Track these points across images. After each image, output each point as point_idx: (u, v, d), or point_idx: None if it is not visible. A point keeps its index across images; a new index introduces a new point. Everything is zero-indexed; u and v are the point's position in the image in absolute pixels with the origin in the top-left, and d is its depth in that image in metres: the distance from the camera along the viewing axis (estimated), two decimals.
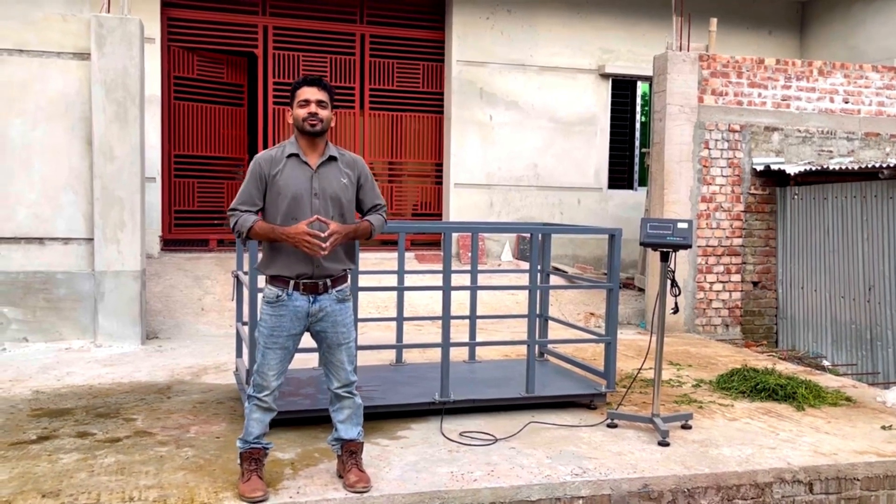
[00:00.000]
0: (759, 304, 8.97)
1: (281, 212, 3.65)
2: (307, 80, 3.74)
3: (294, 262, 3.65)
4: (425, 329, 8.16)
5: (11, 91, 7.04)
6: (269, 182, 3.66)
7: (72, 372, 6.24)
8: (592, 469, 4.20)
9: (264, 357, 3.72)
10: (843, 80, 9.08)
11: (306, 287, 3.69)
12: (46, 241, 7.19)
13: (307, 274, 3.67)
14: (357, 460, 3.88)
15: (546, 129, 11.01)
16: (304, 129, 3.67)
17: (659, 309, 4.83)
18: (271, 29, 10.39)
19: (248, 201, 3.67)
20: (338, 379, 3.83)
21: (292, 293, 3.67)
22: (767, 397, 5.77)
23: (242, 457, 3.76)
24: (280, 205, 3.66)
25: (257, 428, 3.76)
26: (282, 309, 3.68)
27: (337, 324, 3.76)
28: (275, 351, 3.71)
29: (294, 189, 3.65)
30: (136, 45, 7.22)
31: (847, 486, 4.44)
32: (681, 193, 8.61)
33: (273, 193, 3.67)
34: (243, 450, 3.76)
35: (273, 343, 3.70)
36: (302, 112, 3.67)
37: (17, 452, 4.27)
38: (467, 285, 5.56)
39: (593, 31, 11.12)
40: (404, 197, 11.25)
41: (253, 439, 3.76)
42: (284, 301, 3.67)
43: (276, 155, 3.70)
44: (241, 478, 3.74)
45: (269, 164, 3.67)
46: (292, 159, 3.69)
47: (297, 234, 3.53)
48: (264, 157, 3.71)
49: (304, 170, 3.69)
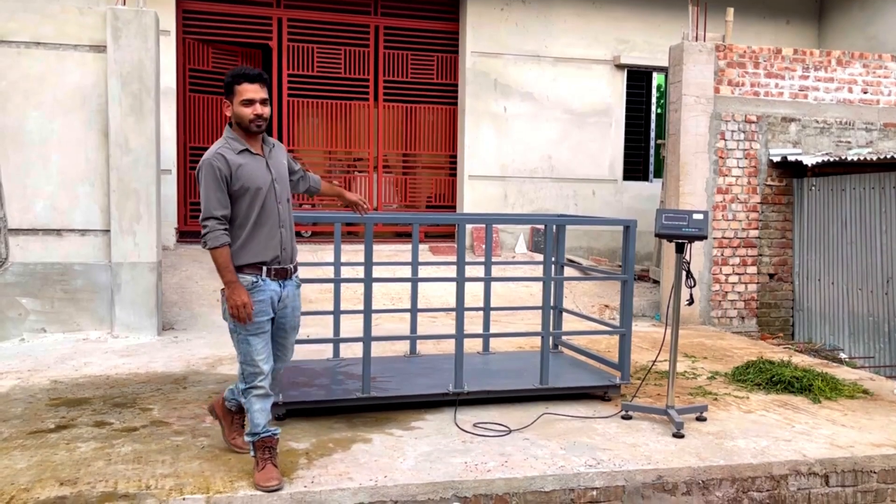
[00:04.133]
0: (775, 296, 8.91)
1: (248, 203, 3.69)
2: (248, 76, 3.71)
3: (267, 249, 3.74)
4: (439, 321, 8.17)
5: (29, 84, 7.09)
6: (231, 180, 3.66)
7: (89, 362, 6.30)
8: (606, 460, 4.20)
9: (251, 345, 3.75)
10: (861, 70, 8.97)
11: (277, 272, 3.78)
12: (64, 232, 7.25)
13: (278, 259, 3.77)
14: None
15: (561, 120, 10.97)
16: (251, 129, 3.73)
17: (674, 300, 4.80)
18: (286, 21, 10.40)
19: (221, 206, 3.65)
20: (283, 360, 4.03)
21: (265, 279, 3.74)
22: (783, 389, 5.74)
23: (255, 446, 3.80)
24: (246, 198, 3.69)
25: (262, 418, 3.80)
26: (260, 294, 3.72)
27: (295, 308, 3.92)
28: (259, 336, 3.75)
29: (258, 181, 3.72)
30: (152, 38, 7.26)
31: (863, 478, 4.41)
32: (696, 185, 8.56)
33: (236, 189, 3.68)
34: (255, 441, 3.80)
35: (258, 329, 3.74)
36: (248, 112, 3.69)
37: (36, 441, 4.32)
38: (481, 277, 5.56)
39: (609, 22, 11.06)
40: (418, 189, 11.25)
41: (262, 430, 3.79)
42: (261, 286, 3.73)
43: (229, 154, 3.69)
44: (256, 467, 3.77)
45: (226, 164, 3.66)
46: (245, 154, 3.74)
47: (238, 303, 3.62)
48: (217, 158, 3.66)
49: (259, 161, 3.77)
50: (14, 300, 7.13)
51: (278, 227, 3.77)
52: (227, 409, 4.22)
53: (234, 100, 3.72)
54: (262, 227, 3.72)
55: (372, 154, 11.02)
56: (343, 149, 11.10)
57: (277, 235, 3.76)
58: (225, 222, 3.66)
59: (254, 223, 3.70)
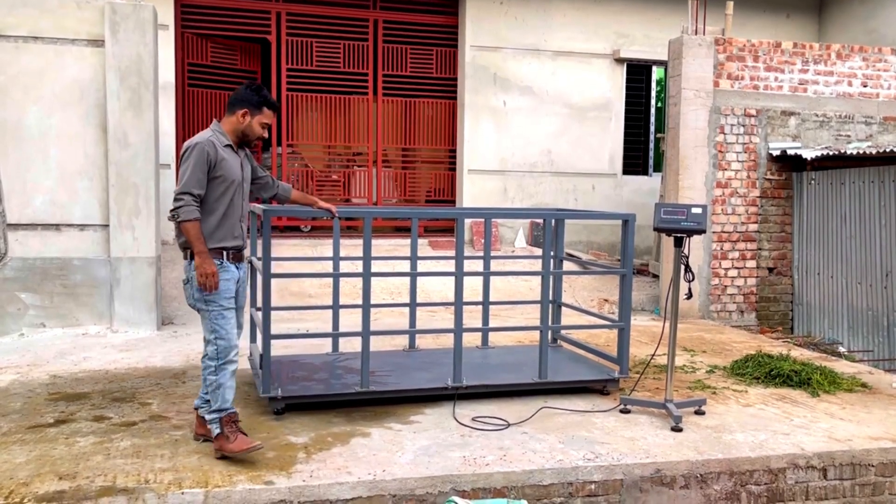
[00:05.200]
0: (774, 290, 8.91)
1: (221, 192, 4.03)
2: (275, 107, 4.27)
3: (230, 237, 4.10)
4: (438, 315, 8.17)
5: (28, 78, 7.08)
6: (214, 167, 4.00)
7: (88, 357, 6.30)
8: (605, 454, 4.20)
9: (225, 319, 4.06)
10: (861, 64, 8.96)
11: (235, 256, 4.16)
12: (63, 227, 7.24)
13: (236, 247, 4.15)
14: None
15: (560, 114, 10.96)
16: (249, 142, 4.21)
17: (673, 294, 4.81)
18: (284, 15, 10.38)
19: (199, 185, 3.96)
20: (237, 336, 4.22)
21: (226, 263, 4.09)
22: (782, 383, 5.75)
23: (223, 422, 4.01)
24: (220, 187, 4.03)
25: (231, 394, 4.10)
26: (227, 273, 4.07)
27: (246, 288, 4.37)
28: (231, 311, 4.10)
29: (234, 175, 4.09)
30: (150, 32, 7.24)
31: (861, 471, 4.41)
32: (696, 179, 8.55)
33: (216, 177, 4.01)
34: (222, 417, 4.02)
35: (229, 304, 4.09)
36: (260, 132, 4.19)
37: (35, 435, 4.32)
38: (480, 271, 5.56)
39: (608, 16, 11.03)
40: (418, 183, 11.24)
41: (230, 406, 4.06)
42: (226, 267, 4.08)
43: (217, 144, 4.04)
44: (227, 440, 3.96)
45: (214, 150, 4.00)
46: (229, 149, 4.11)
47: (208, 271, 3.93)
48: (209, 144, 4.00)
49: (237, 159, 4.16)
50: (13, 295, 7.13)
51: (240, 219, 4.16)
52: (203, 421, 4.22)
53: (256, 115, 4.15)
54: (229, 216, 4.09)
55: (371, 148, 11.01)
56: (342, 143, 11.08)
57: (239, 226, 4.15)
58: (199, 201, 3.96)
59: (223, 212, 4.06)
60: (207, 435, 4.20)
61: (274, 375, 4.87)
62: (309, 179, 10.89)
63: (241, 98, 4.16)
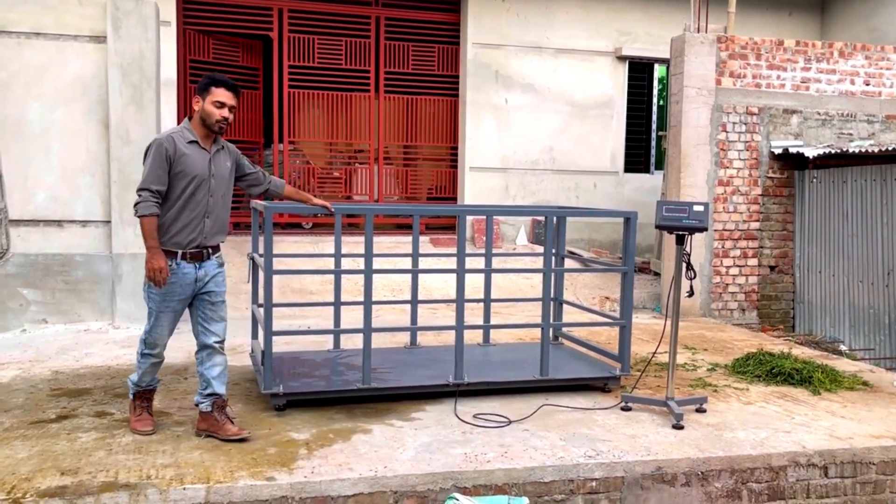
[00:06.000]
0: (775, 288, 8.91)
1: (181, 188, 4.09)
2: (225, 83, 4.19)
3: (185, 233, 4.13)
4: (440, 312, 8.17)
5: (30, 75, 7.08)
6: (174, 163, 4.06)
7: (90, 353, 6.31)
8: (606, 451, 4.21)
9: (158, 320, 4.20)
10: (864, 62, 8.95)
11: (193, 255, 4.18)
12: (65, 223, 7.25)
13: (195, 243, 4.17)
14: (228, 414, 4.32)
15: (562, 112, 10.95)
16: (213, 128, 4.16)
17: (674, 292, 4.81)
18: (286, 12, 10.37)
19: (158, 181, 4.04)
20: (216, 333, 4.34)
21: (181, 262, 4.14)
22: (783, 381, 5.75)
23: (135, 396, 4.35)
24: (181, 182, 4.09)
25: (149, 377, 4.36)
26: (172, 277, 4.12)
27: (219, 283, 4.34)
28: (167, 314, 4.20)
29: (195, 171, 4.11)
30: (152, 28, 7.24)
31: (862, 469, 4.42)
32: (697, 177, 8.55)
33: (175, 173, 4.07)
34: (136, 391, 4.34)
35: (166, 307, 4.18)
36: (216, 113, 4.13)
37: (37, 431, 4.33)
38: (482, 268, 5.56)
39: (610, 13, 11.02)
40: (419, 180, 11.24)
41: (146, 385, 4.35)
42: (174, 269, 4.12)
43: (178, 140, 4.10)
44: (133, 413, 4.33)
45: (173, 147, 4.06)
46: (193, 145, 4.14)
47: (155, 266, 4.02)
48: (167, 140, 4.08)
49: (204, 155, 4.17)
50: (15, 291, 7.14)
51: (203, 216, 4.17)
52: (205, 414, 4.29)
53: (206, 98, 4.15)
54: (187, 211, 4.12)
55: (373, 145, 11.00)
56: (344, 140, 11.08)
57: (200, 224, 4.17)
58: (158, 197, 4.05)
59: (180, 206, 4.10)
60: (209, 430, 4.23)
61: (275, 372, 4.88)
62: (310, 176, 10.90)
63: (195, 92, 4.27)
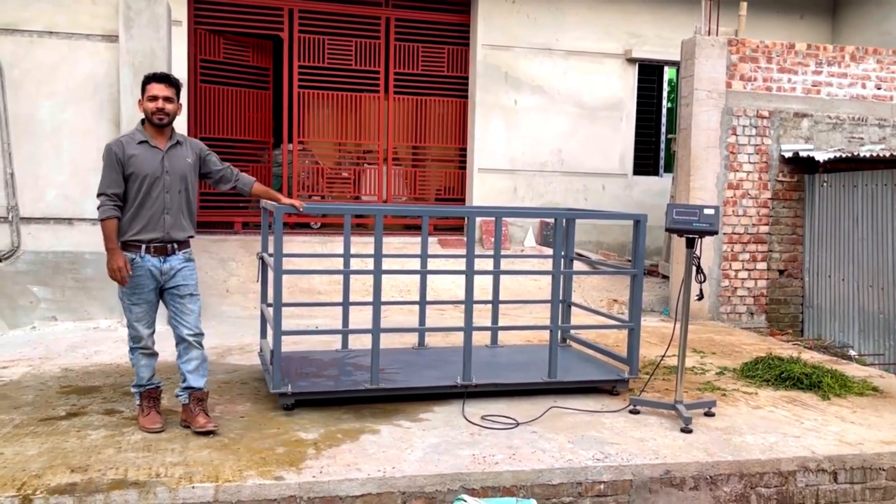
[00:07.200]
0: (785, 292, 8.88)
1: (136, 187, 4.20)
2: (156, 77, 4.30)
3: (147, 230, 4.24)
4: (448, 314, 8.17)
5: (41, 73, 7.12)
6: (125, 165, 4.18)
7: (99, 350, 6.34)
8: (614, 454, 4.20)
9: (131, 311, 4.32)
10: (875, 66, 8.91)
11: (157, 249, 4.28)
12: (75, 221, 7.28)
13: (158, 239, 4.26)
14: (204, 407, 4.39)
15: (571, 114, 10.93)
16: (153, 121, 4.25)
17: (683, 295, 4.79)
18: (297, 12, 10.39)
19: (114, 185, 4.18)
20: (188, 326, 4.38)
21: (144, 255, 4.25)
22: (792, 386, 5.72)
23: (141, 396, 4.41)
24: (135, 183, 4.20)
25: (147, 372, 4.42)
26: (138, 269, 4.24)
27: (187, 277, 4.39)
28: (139, 305, 4.31)
29: (146, 170, 4.21)
30: (164, 28, 7.27)
31: (872, 475, 4.40)
32: (707, 180, 8.52)
33: (127, 174, 4.19)
34: (140, 391, 4.40)
35: (137, 299, 4.29)
36: (151, 106, 4.23)
37: (47, 428, 4.35)
38: (490, 270, 5.55)
39: (620, 15, 11.00)
40: (428, 182, 11.24)
41: (147, 382, 4.41)
42: (139, 262, 4.24)
43: (127, 142, 4.24)
44: (141, 413, 4.39)
45: (121, 150, 4.19)
46: (143, 145, 4.24)
47: (114, 266, 4.17)
48: (116, 144, 4.23)
49: (155, 153, 4.26)
50: (25, 288, 7.18)
51: (162, 212, 4.25)
52: (184, 406, 4.43)
53: (143, 96, 4.27)
54: (145, 209, 4.21)
55: (382, 146, 11.01)
56: (353, 141, 11.09)
57: (160, 220, 4.25)
58: (116, 199, 4.19)
59: (138, 205, 4.21)
60: (185, 421, 4.40)
61: (284, 371, 4.89)
62: (319, 177, 10.91)
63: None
